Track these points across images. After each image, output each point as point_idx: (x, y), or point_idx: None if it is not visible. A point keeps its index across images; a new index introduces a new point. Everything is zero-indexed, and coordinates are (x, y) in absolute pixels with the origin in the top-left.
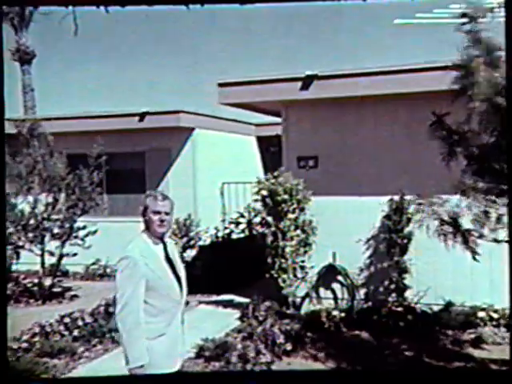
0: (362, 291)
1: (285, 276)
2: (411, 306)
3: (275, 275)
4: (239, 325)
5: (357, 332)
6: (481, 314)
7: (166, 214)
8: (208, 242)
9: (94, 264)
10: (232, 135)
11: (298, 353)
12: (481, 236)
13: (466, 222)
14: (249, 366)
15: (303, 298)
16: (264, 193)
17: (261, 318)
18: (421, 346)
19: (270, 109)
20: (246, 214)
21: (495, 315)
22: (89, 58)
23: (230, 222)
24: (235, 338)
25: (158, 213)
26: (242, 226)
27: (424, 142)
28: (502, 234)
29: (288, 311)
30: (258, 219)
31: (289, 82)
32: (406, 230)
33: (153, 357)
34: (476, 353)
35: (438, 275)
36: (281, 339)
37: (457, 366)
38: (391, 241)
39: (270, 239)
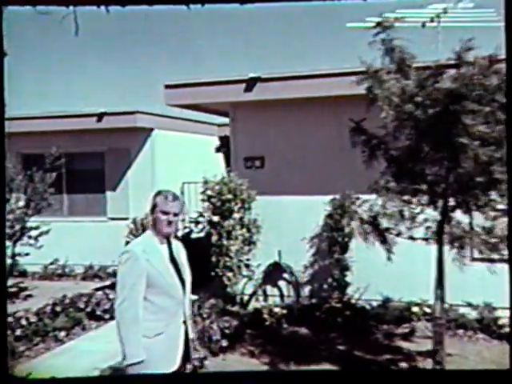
0: (307, 288)
1: (230, 274)
2: (350, 302)
3: (220, 273)
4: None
5: (297, 328)
6: (415, 309)
7: (175, 214)
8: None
9: (52, 264)
10: (194, 136)
11: (236, 349)
12: (398, 234)
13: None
14: None
15: (251, 296)
16: (209, 193)
17: (205, 316)
18: (356, 340)
19: (219, 109)
20: (205, 214)
21: (428, 310)
22: (87, 57)
23: (190, 222)
24: None
25: (167, 213)
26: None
27: None
28: (419, 233)
29: (233, 309)
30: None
31: (233, 84)
32: (347, 228)
33: (150, 356)
34: (405, 345)
35: (378, 272)
36: (217, 336)
37: (387, 359)
38: (333, 239)
39: (215, 238)
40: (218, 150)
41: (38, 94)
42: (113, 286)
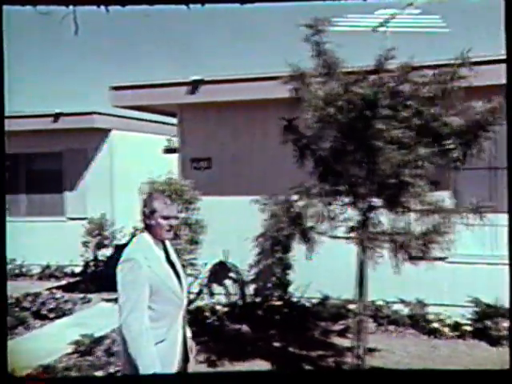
0: (252, 287)
1: None
2: (291, 300)
3: None
4: None
5: (238, 326)
6: (351, 307)
7: (176, 218)
8: (125, 241)
9: (8, 264)
10: (154, 136)
11: None
12: (321, 233)
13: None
14: (112, 359)
15: (198, 294)
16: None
17: None
18: (292, 336)
19: (167, 110)
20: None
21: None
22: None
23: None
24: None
25: (168, 218)
26: None
27: None
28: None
29: None
30: None
31: (177, 86)
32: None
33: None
34: (339, 341)
35: (320, 271)
36: None
37: (319, 355)
38: (275, 239)
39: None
40: (166, 151)
41: (38, 93)
42: (67, 287)
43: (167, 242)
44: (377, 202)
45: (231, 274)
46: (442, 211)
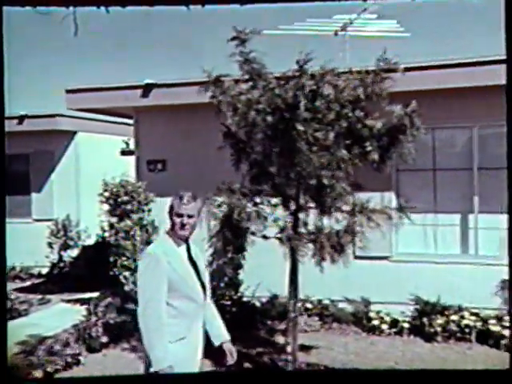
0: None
1: (127, 273)
2: (241, 300)
3: (117, 273)
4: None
5: None
6: (297, 305)
7: (189, 216)
8: (91, 242)
9: None
10: (120, 138)
11: (119, 345)
12: (253, 233)
13: None
14: (53, 358)
15: None
16: (107, 194)
17: (100, 314)
18: (238, 335)
19: (124, 112)
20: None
21: (310, 306)
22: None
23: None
24: (70, 334)
25: (181, 215)
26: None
27: None
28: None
29: (129, 306)
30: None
31: (131, 89)
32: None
33: (173, 361)
34: (281, 340)
35: (271, 270)
36: (99, 333)
37: (258, 352)
38: (227, 239)
39: (112, 238)
40: (123, 153)
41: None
42: (31, 288)
43: (191, 242)
44: (304, 202)
45: None
46: (365, 212)
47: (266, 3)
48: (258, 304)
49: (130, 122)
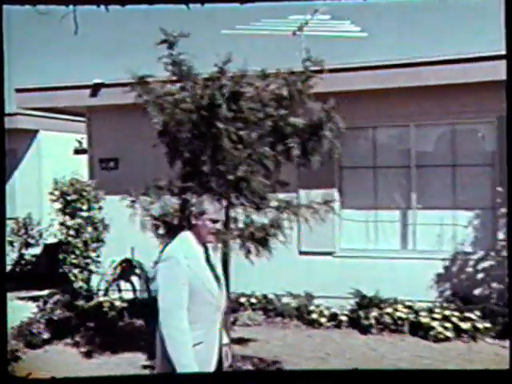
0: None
1: (75, 271)
2: None
3: (66, 270)
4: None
5: (135, 320)
6: (242, 300)
7: (221, 223)
8: (54, 240)
9: None
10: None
11: (62, 341)
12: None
13: None
14: None
15: (106, 291)
16: (57, 193)
17: (48, 311)
18: None
19: (77, 111)
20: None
21: (254, 300)
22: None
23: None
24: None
25: (216, 221)
26: None
27: None
28: None
29: (78, 303)
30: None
31: (80, 88)
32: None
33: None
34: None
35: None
36: (40, 329)
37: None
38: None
39: (62, 237)
40: (76, 152)
41: None
42: None
43: (209, 245)
44: (233, 199)
45: (137, 271)
46: (291, 207)
47: (267, 2)
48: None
49: None
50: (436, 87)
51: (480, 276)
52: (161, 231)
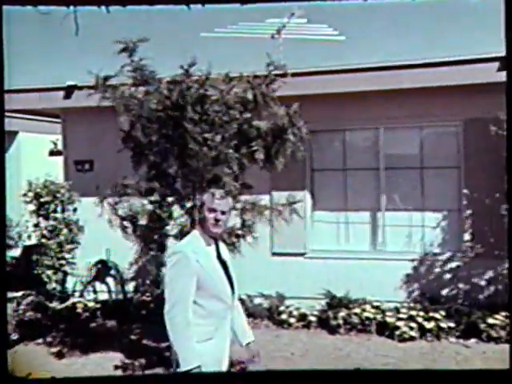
0: (132, 284)
1: (49, 272)
2: (161, 296)
3: (40, 272)
4: None
5: (107, 321)
6: None
7: (222, 213)
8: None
9: None
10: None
11: (33, 341)
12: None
13: None
14: None
15: (82, 292)
16: (30, 194)
17: (21, 312)
18: (150, 330)
19: (53, 113)
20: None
21: None
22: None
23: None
24: None
25: (214, 211)
26: None
27: None
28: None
29: (51, 304)
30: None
31: (53, 91)
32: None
33: (200, 361)
34: None
35: None
36: (9, 330)
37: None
38: (149, 238)
39: (36, 239)
40: (51, 153)
41: None
42: None
43: (221, 242)
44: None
45: (112, 272)
46: (256, 208)
47: (267, 3)
48: None
49: None
50: (404, 91)
51: (447, 276)
52: (129, 231)
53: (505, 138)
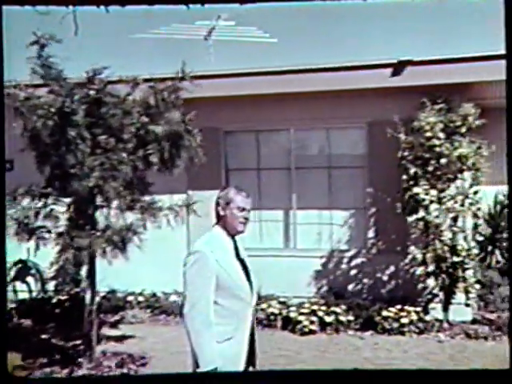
0: (53, 283)
1: None
2: (78, 295)
3: None
4: None
5: (23, 320)
6: (130, 298)
7: (249, 211)
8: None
9: None
10: None
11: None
12: (49, 231)
13: None
14: None
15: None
16: None
17: None
18: (66, 329)
19: None
20: None
21: (142, 299)
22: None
23: None
24: None
25: (244, 210)
26: None
27: None
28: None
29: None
30: None
31: None
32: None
33: (220, 362)
34: (112, 332)
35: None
36: None
37: (76, 344)
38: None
39: None
40: None
41: None
42: None
43: (238, 239)
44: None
45: (32, 272)
46: (152, 209)
47: (267, 3)
48: (97, 299)
49: None
50: (311, 94)
51: (353, 272)
52: (25, 236)
53: (399, 141)
